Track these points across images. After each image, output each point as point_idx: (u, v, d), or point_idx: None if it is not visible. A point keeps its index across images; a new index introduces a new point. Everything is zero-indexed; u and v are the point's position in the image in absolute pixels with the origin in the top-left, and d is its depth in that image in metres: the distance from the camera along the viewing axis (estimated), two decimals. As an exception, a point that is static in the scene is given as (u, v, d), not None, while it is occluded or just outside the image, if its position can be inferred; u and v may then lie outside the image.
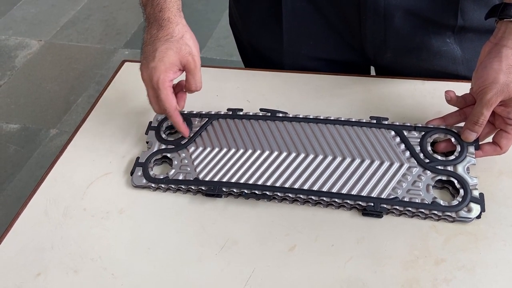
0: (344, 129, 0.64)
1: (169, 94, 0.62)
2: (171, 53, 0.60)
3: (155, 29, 0.62)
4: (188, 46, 0.62)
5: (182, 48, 0.61)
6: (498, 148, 0.59)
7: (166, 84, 0.61)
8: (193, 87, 0.63)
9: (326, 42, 0.77)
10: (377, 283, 0.51)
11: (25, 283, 0.55)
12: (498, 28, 0.58)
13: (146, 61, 0.61)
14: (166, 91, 0.61)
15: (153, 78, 0.60)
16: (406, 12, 0.69)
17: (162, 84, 0.60)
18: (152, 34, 0.62)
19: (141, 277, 0.54)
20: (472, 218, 0.55)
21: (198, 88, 0.64)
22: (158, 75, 0.60)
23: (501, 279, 0.51)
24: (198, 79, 0.63)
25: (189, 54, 0.62)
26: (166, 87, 0.61)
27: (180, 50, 0.61)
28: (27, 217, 0.61)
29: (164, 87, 0.61)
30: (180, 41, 0.61)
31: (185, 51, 0.61)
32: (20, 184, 1.69)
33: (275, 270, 0.53)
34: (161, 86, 0.61)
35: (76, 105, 1.98)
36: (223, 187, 0.60)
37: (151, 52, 0.61)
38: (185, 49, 0.61)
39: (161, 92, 0.61)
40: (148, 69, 0.61)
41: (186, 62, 0.62)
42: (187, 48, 0.62)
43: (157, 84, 0.60)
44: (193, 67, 0.62)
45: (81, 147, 0.70)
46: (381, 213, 0.56)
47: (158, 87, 0.61)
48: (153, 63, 0.60)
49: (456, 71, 0.74)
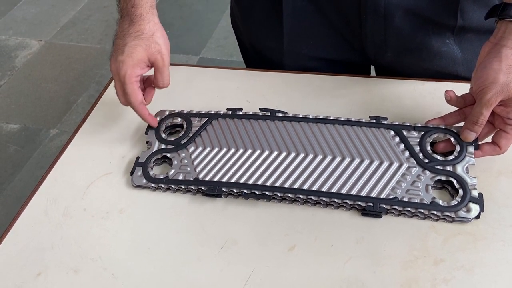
0: (344, 129, 0.64)
1: (134, 89, 0.63)
2: (140, 49, 0.62)
3: (126, 24, 0.63)
4: (157, 44, 0.63)
5: (151, 46, 0.62)
6: (498, 148, 0.59)
7: (133, 79, 0.62)
8: (160, 83, 0.65)
9: (327, 42, 0.77)
10: (376, 283, 0.51)
11: (25, 283, 0.55)
12: (498, 28, 0.58)
13: (115, 54, 0.63)
14: (132, 86, 0.63)
15: (120, 71, 0.62)
16: (406, 12, 0.69)
17: (129, 79, 0.62)
18: (123, 28, 0.63)
19: (141, 277, 0.54)
20: (471, 218, 0.55)
21: (165, 85, 0.66)
22: (125, 70, 0.61)
23: (500, 279, 0.51)
24: (165, 76, 0.65)
25: (158, 52, 0.63)
26: (132, 82, 0.62)
27: (149, 48, 0.62)
28: (27, 217, 0.62)
29: (130, 82, 0.62)
30: (150, 39, 0.63)
31: (154, 49, 0.63)
32: (20, 184, 1.69)
33: (275, 270, 0.53)
34: (127, 81, 0.62)
35: (76, 105, 1.98)
36: (222, 187, 0.60)
37: (121, 46, 0.62)
38: (154, 47, 0.63)
39: (127, 87, 0.62)
40: (116, 62, 0.62)
41: (155, 60, 0.63)
42: (157, 46, 0.63)
43: (124, 79, 0.62)
44: (161, 65, 0.64)
45: (81, 147, 0.70)
46: (380, 213, 0.56)
47: (125, 81, 0.62)
48: (121, 57, 0.62)
49: (456, 71, 0.74)
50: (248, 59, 0.90)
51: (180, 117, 0.69)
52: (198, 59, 2.14)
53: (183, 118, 0.69)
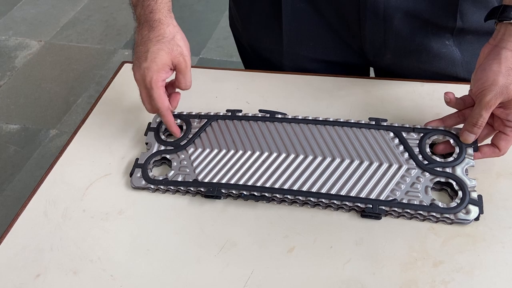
0: (343, 131, 0.64)
1: (161, 94, 0.63)
2: (163, 53, 0.62)
3: (146, 30, 0.63)
4: (179, 47, 0.63)
5: (173, 48, 0.63)
6: (497, 150, 0.59)
7: (159, 84, 0.62)
8: (183, 86, 0.65)
9: (326, 43, 0.77)
10: (375, 285, 0.51)
11: (24, 284, 0.55)
12: (497, 30, 0.58)
13: (138, 62, 0.63)
14: (159, 91, 0.63)
15: (146, 78, 0.62)
16: (406, 14, 0.69)
17: (155, 84, 0.62)
18: (143, 35, 0.63)
19: (140, 278, 0.54)
20: (471, 220, 0.55)
21: (188, 87, 0.66)
22: (151, 75, 0.61)
23: (499, 281, 0.51)
24: (188, 78, 0.65)
25: (180, 54, 0.63)
26: (159, 87, 0.62)
27: (171, 51, 0.62)
28: (26, 218, 0.62)
29: (157, 87, 0.62)
30: (171, 42, 0.63)
31: (177, 51, 0.63)
32: (19, 185, 1.69)
33: (274, 272, 0.53)
34: (154, 86, 0.62)
35: (76, 105, 1.98)
36: (222, 189, 0.60)
37: (143, 52, 0.62)
38: (177, 49, 0.63)
39: (154, 92, 0.62)
40: (140, 70, 0.62)
41: (178, 62, 0.63)
42: (178, 48, 0.63)
43: (150, 84, 0.62)
44: (184, 67, 0.64)
45: (81, 148, 0.70)
46: (379, 215, 0.56)
47: (151, 86, 0.62)
48: (145, 64, 0.61)
49: (456, 73, 0.74)
50: (247, 60, 0.90)
51: (179, 119, 0.69)
52: (198, 59, 2.15)
53: (183, 120, 0.69)
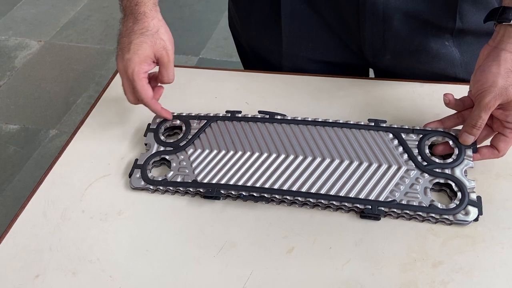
0: (342, 132, 0.64)
1: (144, 85, 0.64)
2: (146, 46, 0.63)
3: (130, 22, 0.64)
4: (162, 40, 0.64)
5: (156, 42, 0.63)
6: (496, 151, 0.59)
7: (141, 76, 0.63)
8: (165, 79, 0.66)
9: (325, 44, 0.77)
10: (374, 286, 0.51)
11: (23, 285, 0.55)
12: (496, 31, 0.58)
13: (121, 53, 0.63)
14: (142, 82, 0.63)
15: (128, 69, 0.62)
16: (405, 14, 0.69)
17: (137, 75, 0.63)
18: (128, 27, 0.64)
19: (140, 279, 0.54)
20: (470, 221, 0.55)
21: (170, 81, 0.66)
22: (133, 67, 0.62)
23: (498, 281, 0.51)
24: (170, 72, 0.66)
25: (163, 48, 0.64)
26: (141, 79, 0.63)
27: (154, 44, 0.63)
28: (25, 218, 0.62)
29: (139, 79, 0.63)
30: (155, 35, 0.63)
31: (159, 45, 0.64)
32: (19, 185, 1.69)
33: (273, 272, 0.53)
34: (136, 78, 0.63)
35: (76, 105, 1.98)
36: (221, 189, 0.60)
37: (126, 44, 0.63)
38: (160, 43, 0.64)
39: (137, 84, 0.63)
40: (123, 61, 0.63)
41: (160, 56, 0.64)
42: (162, 42, 0.64)
43: (132, 76, 0.62)
44: (166, 60, 0.65)
45: (80, 149, 0.70)
46: (379, 215, 0.56)
47: (133, 78, 0.63)
48: (128, 55, 0.62)
49: (455, 73, 0.74)
50: (247, 61, 0.90)
51: (179, 119, 0.69)
52: (197, 59, 2.15)
53: (182, 121, 0.69)
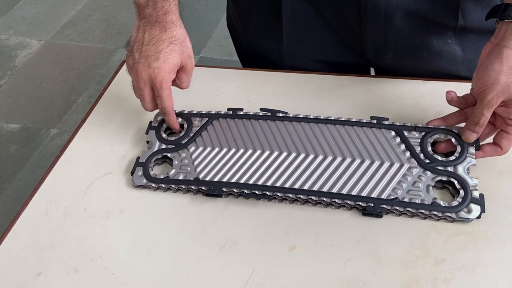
0: (345, 129, 0.64)
1: (170, 94, 0.64)
2: (175, 55, 0.63)
3: (157, 31, 0.63)
4: (188, 49, 0.65)
5: (184, 50, 0.64)
6: (499, 149, 0.59)
7: (168, 85, 0.64)
8: (184, 85, 0.67)
9: (326, 44, 0.77)
10: (377, 283, 0.51)
11: (25, 282, 0.55)
12: (498, 28, 0.58)
13: (146, 61, 0.62)
14: (169, 91, 0.64)
15: (156, 78, 0.62)
16: (407, 12, 0.69)
17: (166, 84, 0.63)
18: (153, 35, 0.63)
19: (142, 277, 0.54)
20: (472, 219, 0.55)
21: (188, 86, 0.68)
22: (162, 76, 0.62)
23: (501, 279, 0.51)
24: (190, 78, 0.67)
25: (189, 56, 0.65)
26: (169, 87, 0.64)
27: (182, 52, 0.64)
28: (27, 217, 0.61)
29: (167, 87, 0.63)
30: (182, 44, 0.64)
31: (186, 53, 0.64)
32: (20, 184, 1.69)
33: (275, 270, 0.53)
34: (165, 86, 0.63)
35: (77, 104, 1.98)
36: (223, 187, 0.60)
37: (154, 52, 0.62)
38: (186, 51, 0.64)
39: (164, 92, 0.63)
40: (149, 69, 0.62)
41: (186, 64, 0.65)
42: (188, 50, 0.65)
43: (161, 84, 0.62)
44: (190, 68, 0.66)
45: (82, 147, 0.70)
46: (381, 213, 0.56)
47: (162, 86, 0.62)
48: (156, 64, 0.62)
49: (457, 71, 0.74)
50: (246, 61, 0.89)
51: (180, 117, 0.69)
52: (198, 58, 2.14)
53: (184, 118, 0.69)
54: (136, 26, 0.65)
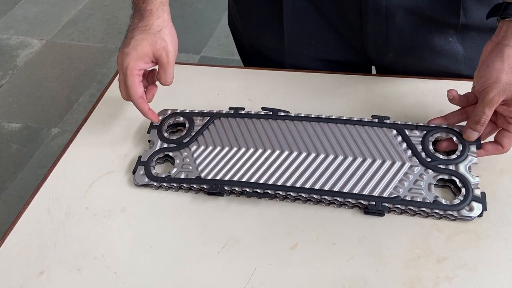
0: (346, 128, 0.64)
1: (135, 82, 0.63)
2: (145, 43, 0.62)
3: (137, 19, 0.64)
4: (163, 41, 0.63)
5: (157, 41, 0.63)
6: (500, 147, 0.59)
7: (135, 72, 0.63)
8: (163, 81, 0.65)
9: (327, 42, 0.77)
10: (378, 282, 0.51)
11: (28, 281, 0.55)
12: (500, 27, 0.58)
13: (122, 46, 0.64)
14: (133, 79, 0.63)
15: (123, 63, 0.62)
16: (408, 11, 0.69)
17: (131, 71, 0.62)
18: (133, 23, 0.65)
19: (144, 275, 0.54)
20: (474, 217, 0.55)
21: (168, 83, 0.65)
22: (128, 62, 0.62)
23: (503, 277, 0.51)
24: (168, 74, 0.64)
25: (163, 49, 0.63)
26: (134, 75, 0.63)
27: (154, 43, 0.63)
28: (29, 216, 0.62)
29: (132, 75, 0.62)
30: (156, 35, 0.63)
31: (160, 45, 0.63)
32: (22, 183, 1.69)
33: (277, 269, 0.53)
34: (129, 73, 0.62)
35: (78, 104, 1.98)
36: (225, 186, 0.60)
37: (128, 39, 0.64)
38: (160, 43, 0.63)
39: (128, 79, 0.62)
40: (122, 54, 0.63)
41: (159, 56, 0.63)
42: (163, 42, 0.63)
43: (126, 70, 0.62)
44: (165, 62, 0.64)
45: (83, 146, 0.70)
46: (382, 211, 0.56)
47: (127, 73, 0.62)
48: (127, 49, 0.62)
49: (458, 70, 0.74)
50: (248, 60, 0.89)
51: (182, 116, 0.69)
52: (199, 57, 2.14)
53: (185, 117, 0.69)
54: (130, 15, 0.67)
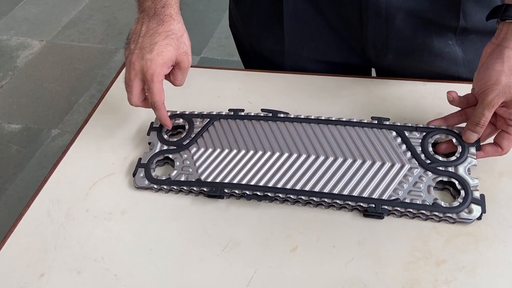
0: (345, 130, 0.64)
1: (161, 88, 0.63)
2: (171, 49, 0.62)
3: (155, 23, 0.63)
4: (185, 45, 0.64)
5: (180, 46, 0.63)
6: (499, 149, 0.59)
7: (160, 78, 0.62)
8: (178, 82, 0.66)
9: (328, 44, 0.77)
10: (378, 284, 0.51)
11: (28, 283, 0.55)
12: (499, 29, 0.58)
13: (140, 52, 0.62)
14: (160, 85, 0.62)
15: (148, 70, 0.61)
16: (408, 13, 0.69)
17: (157, 77, 0.62)
18: (151, 27, 0.63)
19: (144, 278, 0.54)
20: (473, 219, 0.55)
21: (182, 84, 0.66)
22: (154, 69, 0.61)
23: (502, 280, 0.51)
24: (185, 76, 0.66)
25: (185, 53, 0.64)
26: (160, 81, 0.62)
27: (178, 48, 0.63)
28: (30, 218, 0.62)
29: (158, 81, 0.62)
30: (179, 39, 0.63)
31: (182, 49, 0.63)
32: (22, 184, 1.69)
33: (277, 271, 0.53)
34: (156, 80, 0.62)
35: (78, 105, 1.98)
36: (225, 188, 0.60)
37: (149, 44, 0.62)
38: (183, 47, 0.63)
39: (154, 86, 0.62)
40: (142, 60, 0.62)
41: (181, 60, 0.64)
42: (185, 47, 0.64)
43: (152, 77, 0.61)
44: (186, 66, 0.64)
45: (84, 148, 0.70)
46: (382, 214, 0.56)
47: (153, 80, 0.61)
48: (149, 55, 0.61)
49: (458, 73, 0.74)
50: (248, 61, 0.90)
51: (182, 118, 0.69)
52: (199, 58, 2.15)
53: (185, 119, 0.69)
54: (136, 19, 0.65)
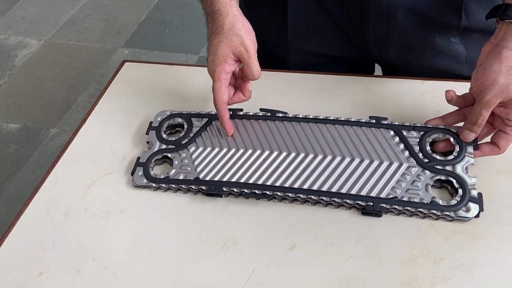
0: (344, 129, 0.64)
1: (221, 87, 0.62)
2: (223, 45, 0.61)
3: (210, 24, 0.64)
4: (238, 37, 0.61)
5: (232, 39, 0.61)
6: (497, 148, 0.59)
7: (222, 77, 0.62)
8: (250, 76, 0.63)
9: (331, 38, 0.77)
10: (376, 282, 0.52)
11: (26, 282, 0.55)
12: (498, 28, 0.58)
13: (207, 56, 0.63)
14: (220, 83, 0.62)
15: (211, 71, 0.63)
16: (409, 10, 0.69)
17: (218, 76, 0.62)
18: (209, 29, 0.64)
19: (142, 277, 0.54)
20: (471, 218, 0.55)
21: (256, 77, 0.63)
22: (214, 68, 0.62)
23: (499, 277, 0.51)
24: (254, 68, 0.62)
25: (241, 44, 0.61)
26: (221, 80, 0.62)
27: (230, 42, 0.61)
28: (28, 217, 0.62)
29: (218, 80, 0.62)
30: (229, 33, 0.61)
31: (236, 42, 0.61)
32: (20, 183, 1.69)
33: (275, 269, 0.54)
34: (216, 78, 0.62)
35: (76, 104, 1.98)
36: (223, 187, 0.60)
37: (208, 46, 0.63)
38: (236, 39, 0.61)
39: (215, 84, 0.62)
40: (208, 64, 0.63)
41: (239, 53, 0.62)
42: (238, 38, 0.61)
43: (213, 77, 0.62)
44: (246, 57, 0.62)
45: (82, 147, 0.70)
46: (380, 212, 0.56)
47: (214, 78, 0.62)
48: (210, 57, 0.62)
49: (459, 70, 0.74)
50: None
51: (180, 117, 0.69)
52: (197, 58, 2.14)
53: (184, 118, 0.69)
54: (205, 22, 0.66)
